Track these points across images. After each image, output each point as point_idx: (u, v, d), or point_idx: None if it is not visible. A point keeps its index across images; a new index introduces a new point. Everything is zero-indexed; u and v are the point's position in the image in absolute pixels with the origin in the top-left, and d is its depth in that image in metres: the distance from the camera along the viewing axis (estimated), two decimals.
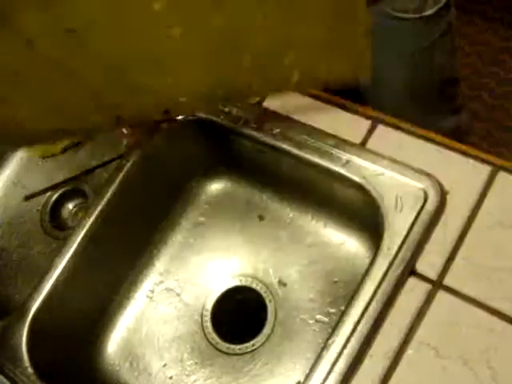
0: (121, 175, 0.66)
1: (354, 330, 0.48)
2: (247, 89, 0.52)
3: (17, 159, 0.89)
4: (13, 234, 0.84)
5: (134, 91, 0.50)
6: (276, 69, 0.50)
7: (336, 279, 0.67)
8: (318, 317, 0.66)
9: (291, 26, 0.46)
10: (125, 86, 0.49)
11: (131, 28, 0.45)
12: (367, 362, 0.48)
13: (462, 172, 0.53)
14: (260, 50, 0.47)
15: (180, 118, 0.66)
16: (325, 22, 0.47)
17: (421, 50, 0.83)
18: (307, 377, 0.49)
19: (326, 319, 0.66)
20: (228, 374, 0.66)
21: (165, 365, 0.69)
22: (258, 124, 0.62)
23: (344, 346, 0.48)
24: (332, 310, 0.66)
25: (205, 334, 0.69)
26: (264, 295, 0.69)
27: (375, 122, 0.58)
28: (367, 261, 0.66)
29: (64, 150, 0.86)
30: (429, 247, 0.51)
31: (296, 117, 0.62)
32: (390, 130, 0.58)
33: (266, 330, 0.67)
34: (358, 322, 0.49)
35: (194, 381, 0.67)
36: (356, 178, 0.55)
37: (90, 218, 0.64)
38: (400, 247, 0.51)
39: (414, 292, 0.50)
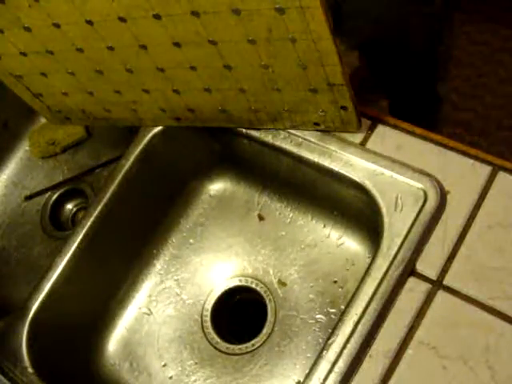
0: (120, 175, 0.66)
1: (353, 330, 0.48)
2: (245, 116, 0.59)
3: (17, 159, 0.89)
4: (13, 234, 0.84)
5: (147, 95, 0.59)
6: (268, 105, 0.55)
7: (336, 279, 0.67)
8: (318, 317, 0.66)
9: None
10: (140, 90, 0.58)
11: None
12: (367, 362, 0.48)
13: (462, 172, 0.53)
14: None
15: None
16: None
17: None
18: (307, 377, 0.49)
19: (325, 319, 0.66)
20: (228, 374, 0.66)
21: (165, 365, 0.69)
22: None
23: (344, 346, 0.48)
24: (332, 310, 0.66)
25: (205, 334, 0.69)
26: (264, 295, 0.69)
27: (375, 121, 0.58)
28: (367, 261, 0.66)
29: (64, 150, 0.86)
30: (429, 247, 0.51)
31: None
32: (390, 129, 0.57)
33: (266, 330, 0.67)
34: (358, 321, 0.49)
35: (194, 381, 0.67)
36: (356, 178, 0.55)
37: (89, 218, 0.64)
38: (400, 247, 0.51)
39: (414, 292, 0.50)
